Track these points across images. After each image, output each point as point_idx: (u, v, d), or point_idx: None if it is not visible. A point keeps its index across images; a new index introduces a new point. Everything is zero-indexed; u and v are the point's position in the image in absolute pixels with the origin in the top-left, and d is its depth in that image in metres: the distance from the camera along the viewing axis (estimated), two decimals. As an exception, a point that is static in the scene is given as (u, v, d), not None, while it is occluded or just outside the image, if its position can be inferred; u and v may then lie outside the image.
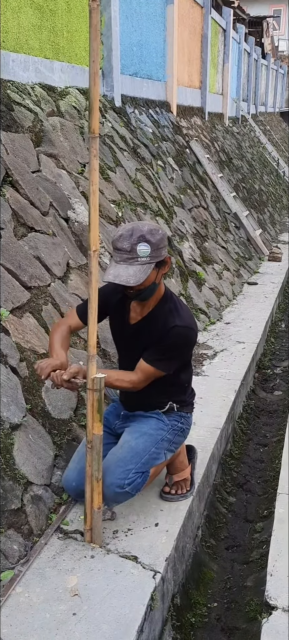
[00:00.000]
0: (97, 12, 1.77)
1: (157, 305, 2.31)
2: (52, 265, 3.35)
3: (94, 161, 1.88)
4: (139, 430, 2.34)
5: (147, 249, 2.09)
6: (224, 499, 3.14)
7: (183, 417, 2.48)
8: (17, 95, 4.07)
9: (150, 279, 2.17)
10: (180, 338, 2.24)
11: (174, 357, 2.28)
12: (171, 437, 2.41)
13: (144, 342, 2.29)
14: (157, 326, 2.27)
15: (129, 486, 2.22)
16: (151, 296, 2.27)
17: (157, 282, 2.23)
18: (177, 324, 2.23)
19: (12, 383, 2.52)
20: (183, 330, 2.24)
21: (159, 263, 2.17)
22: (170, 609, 2.22)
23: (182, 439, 2.51)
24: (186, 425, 2.51)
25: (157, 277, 2.21)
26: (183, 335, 2.25)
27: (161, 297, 2.32)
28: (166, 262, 2.21)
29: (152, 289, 2.22)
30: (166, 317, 2.26)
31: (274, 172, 14.72)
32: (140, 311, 2.33)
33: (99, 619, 1.86)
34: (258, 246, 8.68)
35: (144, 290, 2.19)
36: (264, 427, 4.10)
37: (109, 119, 5.74)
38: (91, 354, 2.01)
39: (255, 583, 2.48)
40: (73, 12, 5.08)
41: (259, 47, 17.14)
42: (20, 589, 1.97)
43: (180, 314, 2.28)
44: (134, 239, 2.09)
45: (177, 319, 2.25)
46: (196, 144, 8.64)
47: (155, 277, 2.20)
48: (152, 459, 2.32)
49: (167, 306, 2.30)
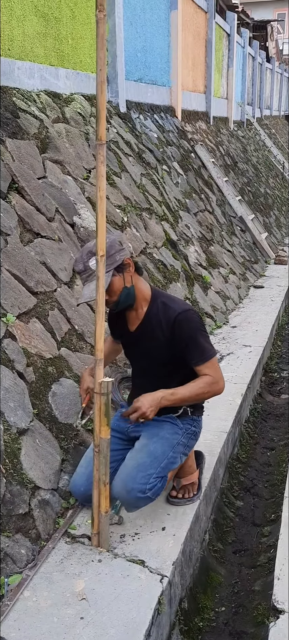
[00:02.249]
0: (103, 22, 1.79)
1: (150, 305, 2.34)
2: (58, 270, 3.37)
3: (101, 167, 1.89)
4: (156, 435, 2.34)
5: None
6: (231, 502, 3.14)
7: (195, 420, 2.49)
8: (22, 102, 4.11)
9: (116, 286, 2.21)
10: (189, 323, 2.27)
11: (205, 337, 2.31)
12: (185, 441, 2.42)
13: (148, 343, 2.33)
14: (157, 322, 2.30)
15: (150, 491, 2.22)
16: (132, 300, 2.30)
17: (129, 285, 2.26)
18: (178, 312, 2.26)
19: (19, 388, 2.54)
20: (186, 315, 2.27)
21: (119, 268, 2.21)
22: (177, 613, 2.22)
23: (194, 442, 2.52)
24: (198, 428, 2.53)
25: (126, 280, 2.24)
26: (189, 319, 2.28)
27: (150, 297, 2.35)
28: (127, 264, 2.24)
29: (128, 293, 2.26)
30: (163, 312, 2.29)
31: (280, 176, 14.70)
32: (136, 316, 2.37)
33: (107, 623, 1.86)
34: (264, 249, 8.66)
35: (119, 299, 2.24)
36: (271, 431, 4.09)
37: (114, 125, 5.77)
38: (98, 358, 2.02)
39: (263, 587, 2.47)
40: (77, 20, 5.12)
41: (263, 51, 17.15)
42: (28, 593, 1.98)
43: (174, 304, 2.32)
44: (84, 257, 2.19)
45: (176, 308, 2.28)
46: (201, 148, 8.66)
47: (123, 282, 2.23)
48: (170, 463, 2.33)
49: (159, 302, 2.33)
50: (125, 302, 2.28)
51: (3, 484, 2.18)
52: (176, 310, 2.27)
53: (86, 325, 3.33)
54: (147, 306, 2.34)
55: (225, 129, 11.65)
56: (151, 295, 2.35)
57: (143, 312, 2.34)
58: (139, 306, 2.34)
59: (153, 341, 2.31)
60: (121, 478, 2.24)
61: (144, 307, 2.34)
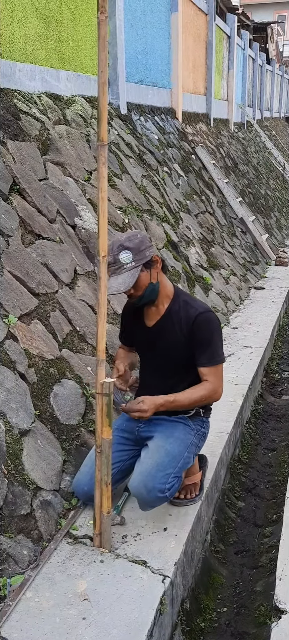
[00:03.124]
0: (105, 24, 1.80)
1: (172, 302, 2.37)
2: (60, 272, 3.38)
3: (103, 169, 1.90)
4: (171, 435, 2.35)
5: (129, 254, 2.19)
6: (232, 503, 3.14)
7: (204, 421, 2.52)
8: (23, 104, 4.12)
9: (143, 281, 2.25)
10: (208, 324, 2.31)
11: (219, 341, 2.34)
12: (197, 442, 2.45)
13: (166, 340, 2.35)
14: (178, 319, 2.33)
15: (169, 491, 2.23)
16: (155, 296, 2.34)
17: (155, 281, 2.29)
18: (199, 312, 2.30)
19: (20, 389, 2.54)
20: (206, 315, 2.31)
21: (147, 264, 2.25)
22: (180, 614, 2.22)
23: (203, 443, 2.55)
24: (207, 429, 2.56)
25: (152, 277, 2.28)
26: (208, 319, 2.32)
27: (172, 294, 2.39)
28: (155, 261, 2.28)
29: (153, 289, 2.30)
30: (185, 310, 2.33)
31: (280, 177, 14.71)
32: (156, 312, 2.39)
33: (109, 623, 1.86)
34: (265, 251, 8.67)
35: (144, 294, 2.28)
36: (272, 432, 4.09)
37: (115, 127, 5.78)
38: (100, 359, 2.02)
39: (264, 588, 2.47)
40: (78, 22, 5.13)
41: (263, 52, 17.17)
42: (30, 594, 1.98)
43: (196, 303, 2.38)
44: (114, 250, 2.21)
45: (197, 308, 2.32)
46: (202, 150, 8.67)
47: (149, 277, 2.27)
48: (185, 463, 2.35)
49: (181, 300, 2.37)
50: (149, 297, 2.31)
51: (5, 485, 2.18)
52: (198, 310, 2.31)
53: (88, 326, 3.34)
54: (168, 303, 2.37)
55: (225, 131, 11.66)
56: (174, 293, 2.39)
57: (164, 308, 2.37)
58: (160, 302, 2.37)
59: (171, 338, 2.34)
60: (141, 477, 2.24)
61: (165, 304, 2.37)
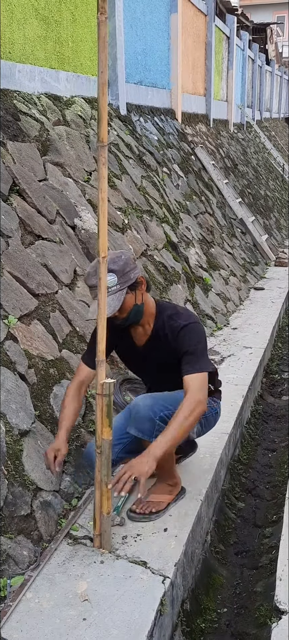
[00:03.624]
0: (105, 24, 1.80)
1: (156, 320, 2.34)
2: (60, 272, 3.38)
3: (103, 169, 1.90)
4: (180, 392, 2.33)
5: (114, 277, 2.13)
6: (232, 504, 3.14)
7: (215, 401, 2.55)
8: (23, 105, 4.12)
9: (128, 304, 2.20)
10: (192, 334, 2.27)
11: (204, 351, 2.30)
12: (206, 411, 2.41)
13: (156, 357, 2.34)
14: (164, 336, 2.31)
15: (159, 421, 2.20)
16: (140, 317, 2.30)
17: (140, 302, 2.25)
18: (183, 324, 2.27)
19: (20, 390, 2.54)
20: (190, 326, 2.28)
21: (132, 286, 2.20)
22: (180, 615, 2.22)
23: (212, 422, 2.56)
24: (219, 409, 2.57)
25: (137, 298, 2.24)
26: (193, 330, 2.28)
27: (156, 312, 2.35)
28: (140, 282, 2.24)
29: (138, 310, 2.26)
30: (169, 326, 2.30)
31: (280, 178, 14.72)
32: (143, 332, 2.37)
33: (109, 624, 1.86)
34: (264, 251, 8.67)
35: (129, 316, 2.24)
36: (272, 432, 4.09)
37: (115, 127, 5.78)
38: (100, 359, 2.02)
39: (265, 588, 2.47)
40: (78, 23, 5.13)
41: (263, 53, 17.18)
42: (30, 595, 1.98)
43: (180, 315, 2.33)
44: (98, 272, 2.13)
45: (180, 320, 2.29)
46: (201, 150, 8.67)
47: (134, 299, 2.22)
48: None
49: (165, 315, 2.33)
50: (134, 318, 2.28)
51: (5, 486, 2.18)
52: (181, 323, 2.28)
53: (87, 327, 3.33)
54: (153, 321, 2.35)
55: (225, 132, 11.67)
56: (156, 309, 2.36)
57: (150, 327, 2.35)
58: (146, 322, 2.35)
59: (162, 357, 2.33)
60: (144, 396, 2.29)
61: (151, 323, 2.35)
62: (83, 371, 2.40)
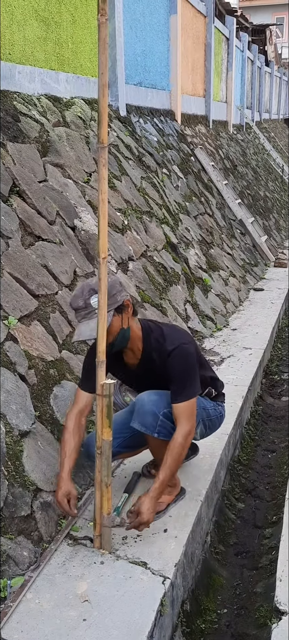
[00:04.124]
0: (105, 26, 1.80)
1: (145, 343, 2.34)
2: (60, 273, 3.38)
3: (103, 170, 1.90)
4: None
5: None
6: (232, 505, 3.14)
7: (220, 404, 2.60)
8: (23, 106, 4.12)
9: (115, 327, 2.19)
10: (181, 359, 2.27)
11: (192, 375, 2.30)
12: (210, 411, 2.48)
13: (149, 377, 2.36)
14: (154, 361, 2.32)
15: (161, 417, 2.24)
16: (126, 342, 2.29)
17: (126, 326, 2.24)
18: (170, 350, 2.27)
19: (20, 390, 2.54)
20: (178, 350, 2.27)
21: (119, 308, 2.19)
22: (180, 615, 2.22)
23: (217, 425, 2.61)
24: (224, 411, 2.62)
25: (123, 322, 2.23)
26: (181, 354, 2.28)
27: (142, 335, 2.34)
28: (126, 305, 2.23)
29: (124, 335, 2.25)
30: (158, 349, 2.30)
31: (279, 179, 14.73)
32: (133, 356, 2.37)
33: (109, 624, 1.86)
34: (264, 252, 8.68)
35: (115, 340, 2.22)
36: (272, 433, 4.09)
37: (114, 129, 5.78)
38: (100, 360, 2.02)
39: (265, 589, 2.47)
40: (78, 24, 5.14)
41: (262, 54, 17.20)
42: (30, 595, 1.98)
43: (167, 337, 2.31)
44: (85, 294, 2.13)
45: (167, 344, 2.28)
46: (201, 151, 8.68)
47: (120, 323, 2.21)
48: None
49: (152, 337, 2.33)
50: (120, 344, 2.27)
51: (5, 486, 2.18)
52: (168, 349, 2.27)
53: (87, 328, 3.33)
54: (141, 344, 2.34)
55: (224, 133, 11.68)
56: (142, 331, 2.34)
57: (140, 351, 2.35)
58: (135, 346, 2.34)
59: (154, 376, 2.34)
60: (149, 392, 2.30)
61: (139, 346, 2.35)
62: (82, 398, 2.38)
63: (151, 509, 2.16)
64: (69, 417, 2.36)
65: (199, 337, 4.86)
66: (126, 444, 2.47)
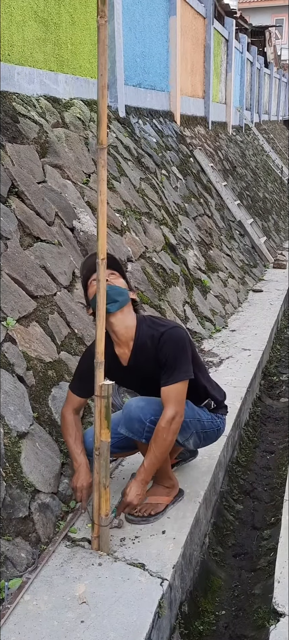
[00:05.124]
0: (105, 28, 1.80)
1: (137, 332, 2.33)
2: (58, 274, 3.38)
3: (102, 171, 1.90)
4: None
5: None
6: (231, 506, 3.14)
7: (219, 417, 2.57)
8: (22, 107, 4.12)
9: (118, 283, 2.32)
10: (172, 341, 2.26)
11: (182, 358, 2.27)
12: (206, 423, 2.46)
13: (143, 370, 2.34)
14: (147, 348, 2.30)
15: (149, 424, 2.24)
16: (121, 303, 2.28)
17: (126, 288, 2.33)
18: (162, 331, 2.28)
19: (19, 392, 2.54)
20: (170, 332, 2.28)
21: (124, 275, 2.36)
22: (178, 617, 2.22)
23: (214, 438, 2.58)
24: (222, 425, 2.59)
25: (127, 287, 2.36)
26: (172, 336, 2.27)
27: (136, 324, 2.35)
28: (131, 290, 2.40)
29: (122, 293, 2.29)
30: (150, 335, 2.30)
31: (278, 180, 14.74)
32: (126, 348, 2.35)
33: (107, 626, 1.86)
34: (263, 254, 8.68)
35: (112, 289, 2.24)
36: (270, 435, 4.09)
37: (114, 130, 5.78)
38: (99, 361, 2.02)
39: (263, 590, 2.47)
40: (77, 25, 5.14)
41: (261, 56, 17.21)
42: (28, 597, 1.98)
43: (160, 324, 2.34)
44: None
45: (160, 328, 2.30)
46: (200, 153, 8.69)
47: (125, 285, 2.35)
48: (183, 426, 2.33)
49: (145, 326, 2.34)
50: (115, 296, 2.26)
51: (3, 488, 2.18)
52: (160, 330, 2.28)
53: (86, 329, 3.34)
54: (135, 334, 2.34)
55: (224, 134, 11.68)
56: (137, 322, 2.35)
57: (132, 341, 2.34)
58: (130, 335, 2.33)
59: (147, 367, 2.31)
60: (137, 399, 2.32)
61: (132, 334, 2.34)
62: (74, 400, 2.44)
63: (135, 492, 2.25)
64: (67, 412, 2.44)
65: (198, 339, 4.86)
66: (120, 445, 2.46)
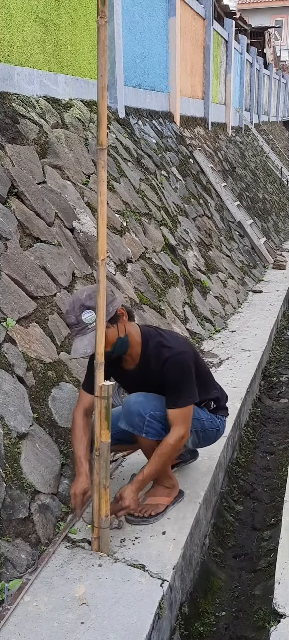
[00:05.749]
0: (105, 28, 1.80)
1: (143, 348, 2.34)
2: (58, 275, 3.38)
3: (102, 172, 1.90)
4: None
5: (91, 314, 2.12)
6: (231, 507, 3.13)
7: (219, 418, 2.57)
8: (22, 108, 4.12)
9: (110, 338, 2.18)
10: (178, 367, 2.28)
11: (187, 384, 2.30)
12: (205, 423, 2.47)
13: (145, 382, 2.36)
14: (152, 366, 2.32)
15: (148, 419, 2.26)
16: (126, 348, 2.30)
17: (123, 334, 2.24)
18: (168, 356, 2.28)
19: (19, 392, 2.53)
20: (175, 358, 2.28)
21: (113, 319, 2.19)
22: (178, 618, 2.21)
23: (213, 438, 2.59)
24: (222, 426, 2.59)
25: (120, 330, 2.23)
26: (178, 362, 2.29)
27: (142, 340, 2.34)
28: (120, 314, 2.23)
29: (122, 342, 2.25)
30: (156, 355, 2.31)
31: (278, 181, 14.75)
32: (132, 360, 2.37)
33: (107, 627, 1.86)
34: (262, 254, 8.68)
35: (114, 349, 2.22)
36: (270, 435, 4.09)
37: (113, 130, 5.78)
38: (99, 362, 2.02)
39: (263, 591, 2.47)
40: (77, 26, 5.14)
41: (261, 57, 17.22)
42: (28, 598, 1.98)
43: (167, 344, 2.32)
44: (76, 311, 2.14)
45: (166, 351, 2.29)
46: (200, 153, 8.69)
47: (117, 332, 2.21)
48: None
49: (152, 343, 2.33)
50: (119, 351, 2.27)
51: (3, 489, 2.17)
52: (165, 355, 2.28)
53: (86, 329, 3.33)
54: (140, 349, 2.34)
55: (223, 135, 11.69)
56: (142, 337, 2.35)
57: (138, 355, 2.35)
58: (133, 351, 2.34)
59: (152, 380, 2.34)
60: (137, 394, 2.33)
61: (138, 351, 2.35)
62: (86, 398, 2.40)
63: (131, 497, 2.24)
64: (77, 414, 2.39)
65: (198, 339, 4.86)
66: (117, 437, 2.44)
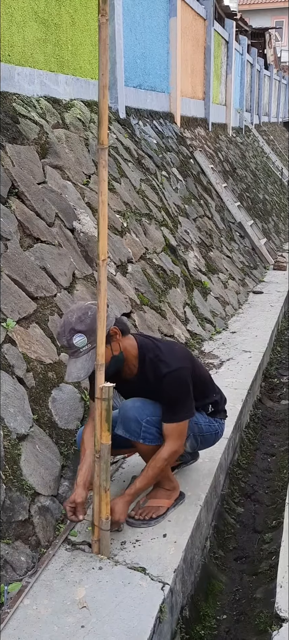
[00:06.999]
0: (106, 26, 1.79)
1: (140, 362, 2.33)
2: (58, 275, 3.36)
3: (103, 172, 1.89)
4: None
5: (82, 338, 2.09)
6: (232, 509, 3.12)
7: (217, 421, 2.57)
8: (22, 108, 4.11)
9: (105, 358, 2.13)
10: (175, 384, 2.27)
11: (184, 400, 2.30)
12: (203, 427, 2.46)
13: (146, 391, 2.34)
14: (150, 379, 2.31)
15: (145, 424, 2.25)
16: (121, 365, 2.29)
17: (117, 352, 2.23)
18: (165, 372, 2.26)
19: (18, 393, 2.52)
20: (173, 374, 2.26)
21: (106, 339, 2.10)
22: (179, 621, 2.20)
23: (211, 441, 2.59)
24: (220, 429, 2.59)
25: (114, 349, 2.21)
26: (175, 379, 2.27)
27: (138, 353, 2.32)
28: (113, 334, 2.20)
29: (117, 359, 2.24)
30: (153, 369, 2.29)
31: (278, 182, 14.74)
32: (130, 372, 2.35)
33: (108, 631, 1.84)
34: (263, 255, 8.67)
35: (109, 367, 2.18)
36: (271, 437, 4.08)
37: (114, 131, 5.77)
38: (99, 363, 2.00)
39: (264, 595, 2.45)
40: (77, 26, 5.13)
41: (261, 58, 17.22)
42: (28, 601, 1.96)
43: (164, 359, 2.30)
44: (66, 335, 2.10)
45: (163, 367, 2.27)
46: (200, 154, 8.68)
47: (110, 352, 2.19)
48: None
49: (148, 358, 2.31)
50: (115, 367, 2.25)
51: (3, 491, 2.16)
52: (163, 371, 2.27)
53: (86, 330, 3.31)
54: (137, 362, 2.33)
55: (224, 135, 11.68)
56: (138, 349, 2.33)
57: (136, 368, 2.34)
58: (130, 364, 2.33)
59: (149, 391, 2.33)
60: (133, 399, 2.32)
61: (135, 364, 2.34)
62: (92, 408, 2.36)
63: (122, 510, 2.24)
64: (87, 425, 2.36)
65: (198, 340, 4.84)
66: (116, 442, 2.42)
